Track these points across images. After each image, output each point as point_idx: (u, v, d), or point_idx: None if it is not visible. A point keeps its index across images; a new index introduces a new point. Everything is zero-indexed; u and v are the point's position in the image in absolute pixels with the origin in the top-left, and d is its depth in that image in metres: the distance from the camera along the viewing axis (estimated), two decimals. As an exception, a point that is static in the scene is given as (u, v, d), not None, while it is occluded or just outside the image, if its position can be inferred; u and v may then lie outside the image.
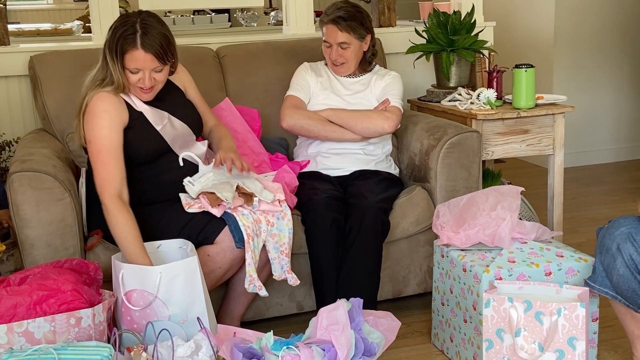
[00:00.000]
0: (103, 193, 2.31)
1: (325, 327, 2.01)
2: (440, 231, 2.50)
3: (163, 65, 2.38)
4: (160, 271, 2.12)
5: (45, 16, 7.66)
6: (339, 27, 2.86)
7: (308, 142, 2.97)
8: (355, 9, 2.92)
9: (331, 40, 2.89)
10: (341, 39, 2.87)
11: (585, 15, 4.96)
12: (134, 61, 2.33)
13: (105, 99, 2.37)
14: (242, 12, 5.79)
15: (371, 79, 2.99)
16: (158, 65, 2.36)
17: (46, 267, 2.14)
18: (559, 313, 2.07)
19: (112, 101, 2.38)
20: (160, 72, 2.39)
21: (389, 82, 2.96)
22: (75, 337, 1.99)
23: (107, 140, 2.35)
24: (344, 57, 2.91)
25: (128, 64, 2.34)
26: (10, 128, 3.09)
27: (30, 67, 2.92)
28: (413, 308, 2.89)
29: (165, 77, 2.44)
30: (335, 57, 2.90)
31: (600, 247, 2.17)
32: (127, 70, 2.35)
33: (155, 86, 2.42)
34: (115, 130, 2.37)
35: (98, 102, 2.36)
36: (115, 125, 2.37)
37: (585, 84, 5.04)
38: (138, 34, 2.31)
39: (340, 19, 2.86)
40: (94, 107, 2.36)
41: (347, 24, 2.85)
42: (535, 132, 3.09)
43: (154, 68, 2.36)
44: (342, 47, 2.89)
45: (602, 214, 3.97)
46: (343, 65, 2.93)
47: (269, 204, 2.44)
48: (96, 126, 2.35)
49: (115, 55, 2.34)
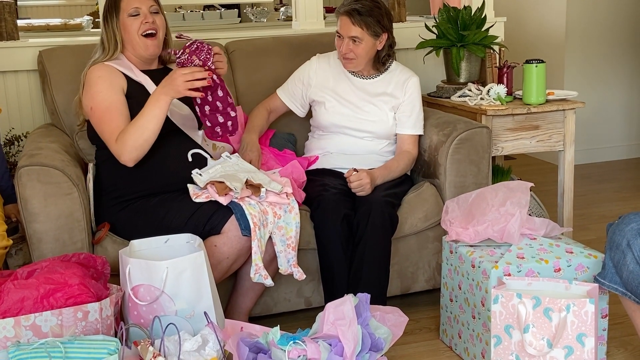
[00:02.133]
0: (113, 145, 2.39)
1: (332, 322, 2.01)
2: (449, 227, 2.48)
3: (157, 6, 2.55)
4: (167, 266, 2.12)
5: (55, 12, 7.67)
6: (352, 20, 2.75)
7: (321, 141, 2.94)
8: (374, 4, 2.79)
9: (343, 32, 2.78)
10: (353, 33, 2.76)
11: (597, 10, 4.93)
12: (129, 3, 2.50)
13: (98, 67, 2.51)
14: (251, 8, 5.79)
15: (389, 84, 2.90)
16: (153, 4, 2.54)
17: (54, 261, 2.15)
18: (568, 309, 2.06)
19: (105, 68, 2.50)
20: (157, 14, 2.55)
21: (415, 102, 2.89)
22: (82, 331, 1.99)
23: (107, 100, 2.44)
24: (354, 52, 2.79)
25: (126, 8, 2.50)
26: (20, 123, 3.10)
27: (40, 62, 2.92)
28: (421, 304, 2.88)
29: (163, 24, 2.57)
30: (345, 50, 2.79)
31: (610, 243, 2.15)
32: (127, 20, 2.49)
33: (159, 33, 2.54)
34: (114, 92, 2.46)
35: (92, 71, 2.50)
36: (113, 87, 2.47)
37: (596, 80, 5.01)
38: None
39: (355, 11, 2.75)
40: (89, 77, 2.50)
41: (361, 19, 2.74)
42: (545, 128, 3.07)
43: (150, 7, 2.52)
44: (354, 41, 2.78)
45: (612, 211, 3.95)
46: (352, 61, 2.82)
47: (277, 195, 2.43)
48: (94, 92, 2.46)
49: (112, 11, 2.51)
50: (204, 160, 2.53)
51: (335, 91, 2.90)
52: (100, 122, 2.44)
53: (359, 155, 2.87)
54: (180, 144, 2.54)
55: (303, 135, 3.08)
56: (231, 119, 2.46)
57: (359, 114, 2.87)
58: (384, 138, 2.89)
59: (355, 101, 2.88)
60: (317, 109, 2.93)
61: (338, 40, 2.84)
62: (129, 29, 2.50)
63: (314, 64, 2.96)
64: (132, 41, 2.52)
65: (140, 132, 2.36)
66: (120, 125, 2.40)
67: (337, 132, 2.89)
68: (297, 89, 2.96)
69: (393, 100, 2.88)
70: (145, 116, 2.36)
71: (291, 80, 2.98)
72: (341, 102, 2.88)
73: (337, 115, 2.87)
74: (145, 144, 2.38)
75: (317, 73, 2.93)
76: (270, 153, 2.90)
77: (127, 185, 2.49)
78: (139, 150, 2.38)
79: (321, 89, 2.91)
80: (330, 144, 2.90)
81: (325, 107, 2.89)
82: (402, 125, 2.89)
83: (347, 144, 2.88)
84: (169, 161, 2.50)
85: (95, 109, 2.45)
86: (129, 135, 2.36)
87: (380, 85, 2.91)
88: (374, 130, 2.86)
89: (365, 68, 2.90)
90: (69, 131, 2.83)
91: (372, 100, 2.88)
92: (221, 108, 2.45)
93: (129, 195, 2.49)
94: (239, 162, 2.55)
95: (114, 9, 2.52)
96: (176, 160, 2.51)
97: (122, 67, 2.53)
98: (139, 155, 2.39)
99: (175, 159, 2.51)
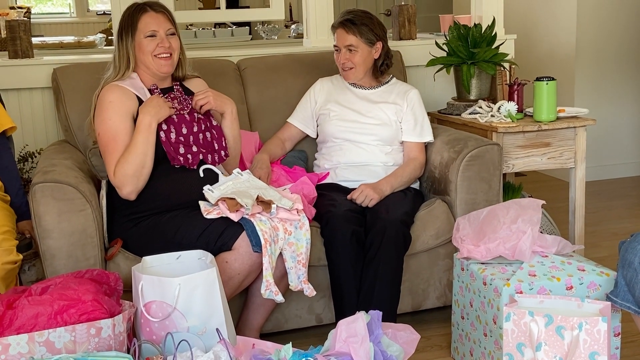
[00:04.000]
0: (112, 177, 2.43)
1: (344, 339, 2.00)
2: (460, 244, 2.48)
3: (174, 28, 2.57)
4: (180, 283, 2.12)
5: (68, 29, 7.75)
6: (346, 30, 2.90)
7: (329, 154, 2.97)
8: (365, 14, 2.94)
9: (339, 43, 2.93)
10: (348, 42, 2.89)
11: (606, 28, 4.93)
12: (147, 25, 2.52)
13: (111, 90, 2.51)
14: (262, 25, 5.82)
15: (390, 94, 2.99)
16: (170, 27, 2.55)
17: (67, 277, 2.15)
18: (580, 327, 2.05)
19: (118, 92, 2.51)
20: (173, 36, 2.56)
21: (417, 112, 2.95)
22: (95, 347, 1.99)
23: (114, 129, 2.46)
24: (352, 61, 2.92)
25: (143, 29, 2.52)
26: (34, 139, 3.13)
27: (54, 80, 2.95)
28: (432, 321, 2.87)
29: (178, 45, 2.59)
30: (343, 60, 2.92)
31: (623, 261, 2.14)
32: (143, 41, 2.51)
33: (173, 55, 2.55)
34: (122, 120, 2.47)
35: (105, 94, 2.51)
36: (121, 115, 2.48)
37: (606, 97, 5.00)
38: (146, 4, 2.56)
39: (348, 22, 2.90)
40: (101, 100, 2.51)
41: (354, 27, 2.88)
42: (556, 145, 3.08)
43: (167, 30, 2.54)
44: (350, 50, 2.90)
45: (624, 228, 3.94)
46: (351, 70, 2.94)
47: (287, 211, 2.44)
48: (103, 119, 2.48)
49: (127, 29, 2.52)
50: (215, 177, 2.54)
51: (338, 102, 2.99)
52: (105, 150, 2.48)
53: (367, 166, 2.89)
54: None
55: (314, 151, 3.10)
56: (191, 153, 2.53)
57: (362, 118, 2.94)
58: (389, 143, 2.93)
59: (358, 108, 2.96)
60: (322, 122, 3.00)
61: (337, 55, 2.97)
62: (144, 49, 2.53)
63: (317, 85, 3.07)
64: (146, 61, 2.55)
65: (139, 159, 2.41)
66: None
67: (342, 141, 2.93)
68: (307, 112, 3.05)
69: (396, 107, 2.95)
70: (140, 143, 2.41)
71: (299, 106, 3.08)
72: (345, 110, 2.96)
73: (341, 122, 2.94)
74: (144, 171, 2.43)
75: (322, 91, 3.04)
76: (282, 170, 2.92)
77: (139, 202, 2.50)
78: (139, 178, 2.43)
79: (326, 103, 3.01)
80: (338, 155, 2.93)
81: (329, 117, 2.96)
82: (407, 133, 2.95)
83: (354, 154, 2.92)
84: (181, 178, 2.52)
85: (102, 135, 2.48)
86: (128, 164, 2.41)
87: (382, 95, 2.99)
88: (378, 133, 2.91)
89: (365, 79, 2.99)
90: (82, 148, 2.85)
91: (376, 106, 2.96)
92: (183, 140, 2.52)
93: (141, 212, 2.50)
94: (250, 179, 2.56)
95: (131, 28, 2.53)
96: (188, 177, 2.52)
97: (134, 88, 2.55)
98: (140, 185, 2.44)
99: (187, 175, 2.53)
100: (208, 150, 2.56)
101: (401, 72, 3.30)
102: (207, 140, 2.57)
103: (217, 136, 2.61)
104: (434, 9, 6.34)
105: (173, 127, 2.50)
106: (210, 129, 2.60)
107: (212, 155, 2.57)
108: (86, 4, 8.14)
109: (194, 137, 2.54)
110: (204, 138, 2.56)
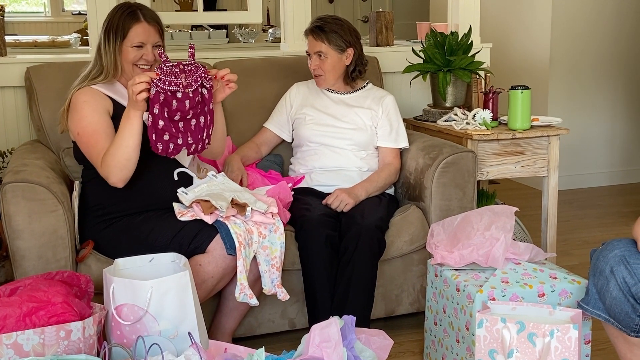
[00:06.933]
0: (100, 168, 2.38)
1: (318, 344, 2.00)
2: (434, 250, 2.49)
3: (162, 42, 2.55)
4: (152, 285, 2.10)
5: (43, 29, 7.66)
6: (315, 37, 2.90)
7: (303, 159, 2.97)
8: (335, 21, 2.93)
9: (310, 49, 2.93)
10: (317, 49, 2.90)
11: (580, 38, 5.00)
12: (138, 35, 2.49)
13: (84, 92, 2.49)
14: (240, 29, 5.82)
15: (366, 99, 3.00)
16: (158, 40, 2.53)
17: (37, 278, 2.13)
18: (552, 335, 2.06)
19: (91, 93, 2.49)
20: (159, 47, 2.53)
21: (392, 118, 2.97)
22: (64, 350, 1.97)
23: (93, 123, 2.44)
24: (322, 68, 2.92)
25: (132, 39, 2.48)
26: (5, 139, 3.09)
27: (27, 78, 2.91)
28: (405, 327, 2.88)
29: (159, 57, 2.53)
30: (314, 67, 2.93)
31: (594, 269, 2.16)
32: (129, 49, 2.48)
33: (153, 67, 2.52)
34: (99, 114, 2.45)
35: (78, 96, 2.49)
36: (98, 111, 2.46)
37: (580, 106, 5.06)
38: (139, 10, 2.51)
39: (317, 28, 2.90)
40: (75, 102, 2.48)
41: (323, 34, 2.88)
42: (530, 154, 3.10)
43: (155, 43, 2.52)
44: (319, 57, 2.91)
45: (595, 237, 3.98)
46: (321, 77, 2.94)
47: (262, 214, 2.43)
48: (80, 117, 2.46)
49: (116, 33, 2.48)
50: (189, 179, 2.53)
51: (314, 106, 3.00)
52: (87, 146, 2.44)
53: (342, 171, 2.90)
54: (166, 163, 2.53)
55: (289, 155, 3.09)
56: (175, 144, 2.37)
57: (338, 123, 2.94)
58: (364, 148, 2.94)
59: (333, 112, 2.97)
60: (298, 126, 3.00)
61: (309, 61, 2.97)
62: (128, 57, 2.51)
63: (293, 89, 3.07)
64: (125, 67, 2.52)
65: (120, 151, 2.34)
66: (106, 147, 2.39)
67: (318, 145, 2.94)
68: (283, 116, 3.05)
69: (371, 112, 2.97)
70: (122, 134, 2.34)
71: (275, 111, 3.08)
72: (320, 114, 2.97)
73: (317, 126, 2.94)
74: (129, 163, 2.36)
75: (297, 96, 3.04)
76: (257, 173, 2.91)
77: (112, 203, 2.48)
78: (124, 170, 2.36)
79: (301, 107, 3.01)
80: (313, 159, 2.93)
81: (305, 121, 2.96)
82: (383, 139, 2.96)
83: (329, 158, 2.92)
84: (155, 180, 2.50)
85: (82, 133, 2.45)
86: (111, 157, 2.35)
87: (357, 100, 3.01)
88: (353, 137, 2.92)
89: (337, 84, 3.01)
90: (54, 148, 2.82)
91: (351, 110, 2.97)
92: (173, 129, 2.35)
93: (114, 214, 2.48)
94: (224, 182, 2.55)
95: (121, 33, 2.49)
96: (162, 178, 2.51)
97: (110, 92, 2.52)
98: (126, 175, 2.38)
99: (161, 177, 2.51)
100: (194, 139, 2.41)
101: (378, 78, 3.31)
102: (200, 126, 2.41)
103: (208, 124, 2.45)
104: (411, 16, 6.37)
105: (166, 110, 2.32)
106: (205, 113, 2.43)
107: (196, 144, 2.43)
108: (61, 4, 8.05)
109: (184, 123, 2.37)
110: (196, 124, 2.40)
